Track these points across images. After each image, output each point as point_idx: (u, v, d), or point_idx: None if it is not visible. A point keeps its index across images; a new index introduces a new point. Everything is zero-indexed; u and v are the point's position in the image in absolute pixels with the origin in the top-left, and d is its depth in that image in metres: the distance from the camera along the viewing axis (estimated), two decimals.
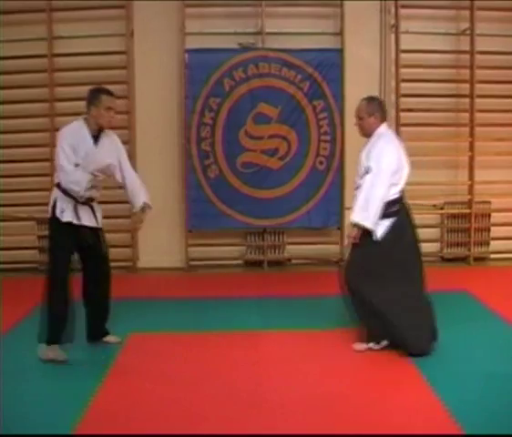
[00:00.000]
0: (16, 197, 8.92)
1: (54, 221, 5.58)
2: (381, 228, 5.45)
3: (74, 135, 5.47)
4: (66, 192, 5.51)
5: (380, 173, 5.37)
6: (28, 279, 8.55)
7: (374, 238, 5.45)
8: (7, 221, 9.01)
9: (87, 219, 5.63)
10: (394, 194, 5.49)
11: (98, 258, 5.80)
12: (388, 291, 5.40)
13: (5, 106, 8.79)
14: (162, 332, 6.24)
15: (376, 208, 5.36)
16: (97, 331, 5.91)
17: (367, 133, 5.65)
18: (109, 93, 5.59)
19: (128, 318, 6.62)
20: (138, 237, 9.03)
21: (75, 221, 5.53)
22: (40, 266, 8.84)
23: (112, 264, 7.92)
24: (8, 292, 7.84)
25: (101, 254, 5.80)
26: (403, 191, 5.67)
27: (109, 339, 5.92)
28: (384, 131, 5.63)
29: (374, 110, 5.62)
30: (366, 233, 5.43)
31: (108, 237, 8.94)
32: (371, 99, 5.76)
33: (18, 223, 9.00)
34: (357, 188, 5.54)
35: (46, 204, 8.80)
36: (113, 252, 8.91)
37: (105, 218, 8.71)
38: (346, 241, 5.73)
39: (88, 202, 5.67)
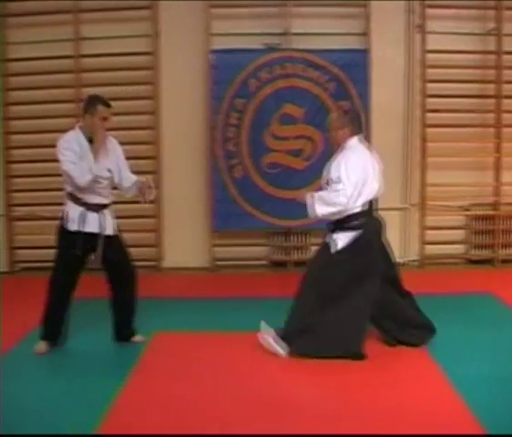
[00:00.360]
0: (40, 196, 9.00)
1: (62, 230, 5.70)
2: (341, 241, 5.52)
3: (73, 143, 5.54)
4: (76, 199, 5.62)
5: (347, 186, 5.39)
6: None
7: (333, 249, 5.54)
8: (31, 220, 9.10)
9: (93, 227, 5.66)
10: (357, 207, 5.49)
11: (118, 262, 5.85)
12: (332, 307, 5.48)
13: (32, 106, 8.89)
14: (187, 332, 6.25)
15: (331, 213, 5.49)
16: (124, 332, 5.96)
17: (337, 145, 5.69)
18: (106, 103, 5.64)
19: (153, 317, 6.65)
20: (164, 236, 9.09)
21: (81, 229, 5.61)
22: None
23: (137, 264, 7.95)
24: (32, 291, 7.90)
25: (111, 259, 5.81)
26: (371, 205, 5.67)
27: (136, 339, 5.98)
28: (355, 144, 5.63)
29: (345, 123, 5.63)
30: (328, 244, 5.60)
31: (134, 236, 9.03)
32: (343, 112, 5.91)
33: (42, 222, 9.06)
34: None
35: None
36: (138, 252, 8.99)
37: (130, 217, 8.82)
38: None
39: (97, 209, 5.70)
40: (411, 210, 9.11)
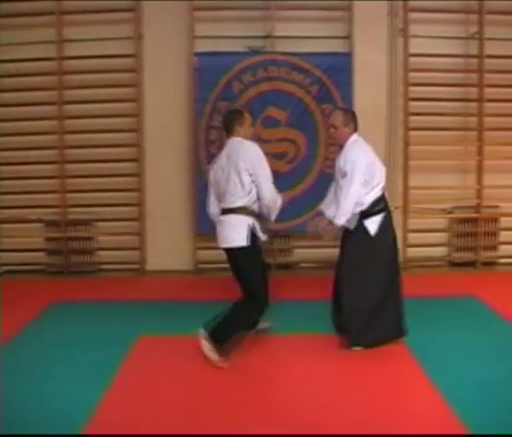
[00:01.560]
0: (25, 199, 8.95)
1: (253, 247, 5.70)
2: (374, 225, 5.79)
3: None
4: (251, 212, 5.68)
5: (354, 175, 5.66)
6: (36, 280, 8.61)
7: (371, 233, 5.77)
8: (16, 223, 9.04)
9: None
10: (377, 192, 5.81)
11: None
12: (371, 291, 5.75)
13: (15, 108, 8.83)
14: (170, 335, 6.23)
15: (348, 206, 5.69)
16: None
17: (340, 142, 5.96)
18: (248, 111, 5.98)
19: (137, 320, 6.66)
20: (147, 239, 9.05)
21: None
22: (48, 268, 8.91)
23: (120, 266, 7.95)
24: (17, 293, 7.87)
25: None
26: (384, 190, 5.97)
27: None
28: (357, 138, 5.93)
29: (349, 121, 5.93)
30: (362, 232, 5.78)
31: (117, 239, 9.07)
32: (346, 110, 6.17)
33: (27, 225, 9.02)
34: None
35: (55, 206, 8.90)
36: (121, 255, 9.03)
37: (113, 220, 8.83)
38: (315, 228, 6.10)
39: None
40: (394, 213, 9.12)
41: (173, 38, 8.82)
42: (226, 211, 5.66)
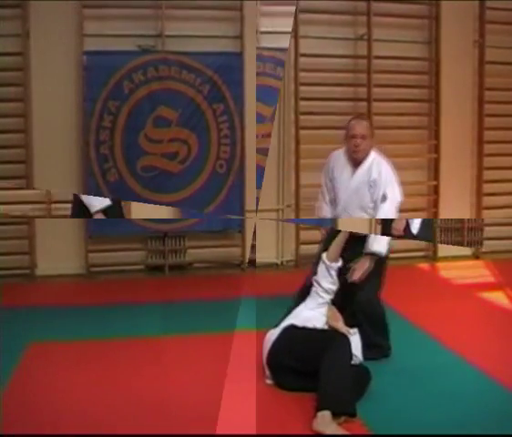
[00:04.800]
0: None
1: None
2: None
3: None
4: None
5: (395, 202, 5.41)
6: None
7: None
8: None
9: None
10: None
11: None
12: None
13: None
14: (64, 341, 6.08)
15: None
16: None
17: (365, 155, 5.46)
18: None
19: (28, 327, 6.46)
20: (36, 243, 8.81)
21: None
22: None
23: (8, 272, 7.68)
24: None
25: None
26: None
27: None
28: (378, 155, 5.53)
29: (373, 133, 5.52)
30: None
31: (4, 244, 8.74)
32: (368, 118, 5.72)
33: None
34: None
35: None
36: (9, 259, 8.71)
37: (1, 224, 8.52)
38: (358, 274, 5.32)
39: None
40: (286, 211, 9.22)
41: (62, 36, 8.59)
42: None
